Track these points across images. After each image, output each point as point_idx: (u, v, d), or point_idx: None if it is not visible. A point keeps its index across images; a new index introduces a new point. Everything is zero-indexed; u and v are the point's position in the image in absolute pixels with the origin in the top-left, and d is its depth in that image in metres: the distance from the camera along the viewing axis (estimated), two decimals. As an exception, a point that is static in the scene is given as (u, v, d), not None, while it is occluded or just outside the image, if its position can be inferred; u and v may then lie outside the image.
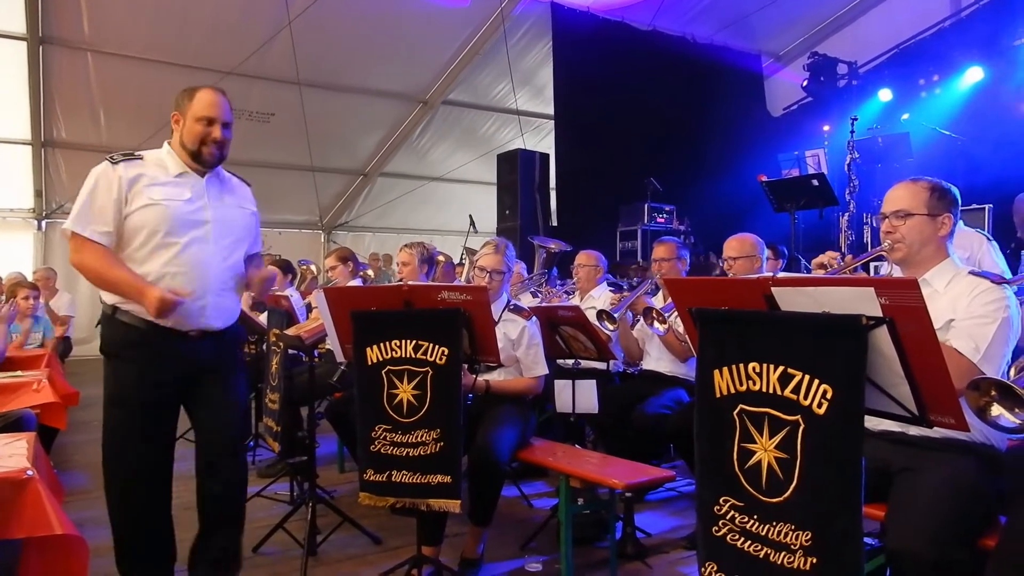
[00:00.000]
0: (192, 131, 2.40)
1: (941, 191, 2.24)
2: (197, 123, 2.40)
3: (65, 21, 7.48)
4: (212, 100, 2.44)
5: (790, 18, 9.57)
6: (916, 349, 1.41)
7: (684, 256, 4.10)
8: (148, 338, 2.33)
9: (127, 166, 2.34)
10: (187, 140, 2.40)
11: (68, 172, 9.72)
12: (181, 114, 2.43)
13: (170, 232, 2.32)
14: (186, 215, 2.36)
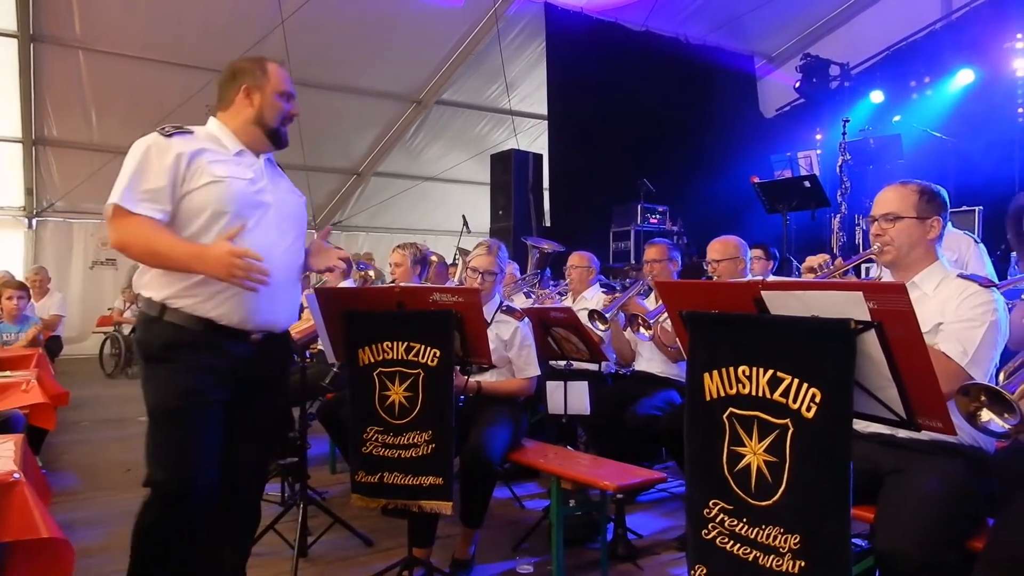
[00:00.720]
0: (275, 107, 2.16)
1: (930, 194, 2.25)
2: (280, 98, 2.17)
3: (56, 19, 7.44)
4: (285, 73, 2.22)
5: (783, 19, 9.60)
6: (904, 353, 1.42)
7: (675, 257, 4.11)
8: (205, 339, 2.03)
9: (184, 139, 2.04)
10: (268, 117, 2.16)
11: (59, 170, 9.68)
12: (256, 88, 2.15)
13: (237, 214, 2.04)
14: (251, 195, 2.10)
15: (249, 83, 2.15)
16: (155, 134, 2.02)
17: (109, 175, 7.42)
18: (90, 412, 6.45)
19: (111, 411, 6.56)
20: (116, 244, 1.98)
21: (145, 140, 2.01)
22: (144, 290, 2.06)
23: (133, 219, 1.94)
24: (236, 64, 2.20)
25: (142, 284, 2.08)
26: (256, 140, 2.17)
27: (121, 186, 1.95)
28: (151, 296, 2.04)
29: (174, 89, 8.40)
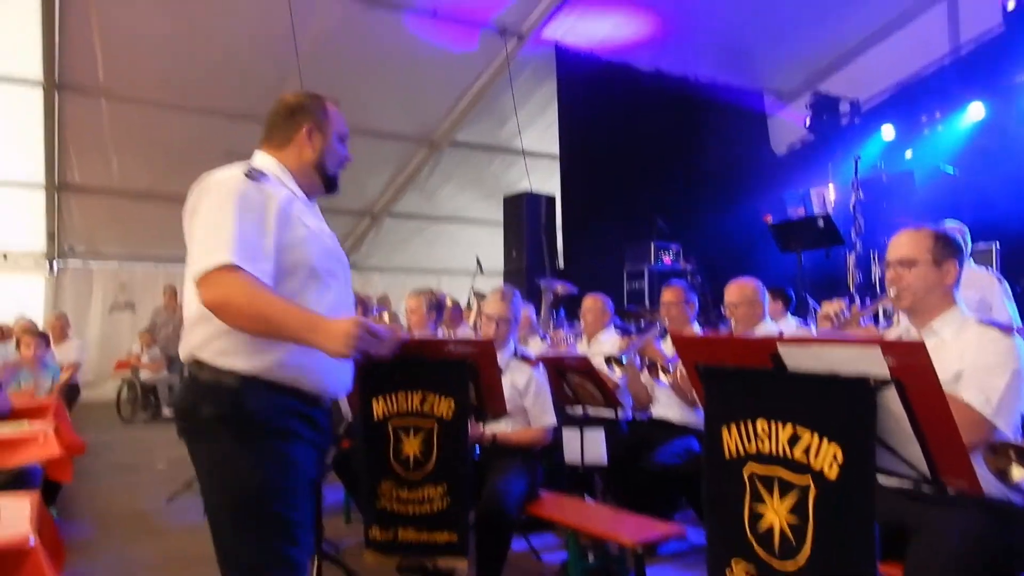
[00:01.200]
0: (335, 152, 1.98)
1: (945, 239, 2.24)
2: (339, 142, 2.00)
3: (81, 67, 7.64)
4: (342, 116, 2.03)
5: (791, 57, 9.68)
6: (926, 412, 1.39)
7: (692, 300, 4.08)
8: (302, 409, 1.80)
9: (272, 186, 1.81)
10: (329, 161, 1.97)
11: (80, 214, 9.84)
12: (318, 128, 1.95)
13: (330, 272, 1.86)
14: (335, 250, 1.93)
15: (311, 124, 1.94)
16: (240, 177, 1.77)
17: (129, 218, 7.55)
18: (106, 458, 6.45)
19: (126, 457, 6.56)
20: (215, 303, 1.66)
21: (230, 184, 1.75)
22: (219, 357, 1.73)
23: (239, 277, 1.65)
24: (293, 99, 1.98)
25: (209, 348, 1.74)
26: (313, 185, 1.99)
27: (227, 239, 1.66)
28: (234, 367, 1.72)
29: (192, 132, 8.59)
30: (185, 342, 1.80)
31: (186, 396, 1.79)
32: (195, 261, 1.69)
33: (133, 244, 10.64)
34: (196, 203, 1.77)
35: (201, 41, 7.52)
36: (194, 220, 1.76)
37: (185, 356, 1.80)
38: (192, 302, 1.76)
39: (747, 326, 3.70)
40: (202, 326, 1.75)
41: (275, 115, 1.98)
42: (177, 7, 7.06)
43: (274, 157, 1.94)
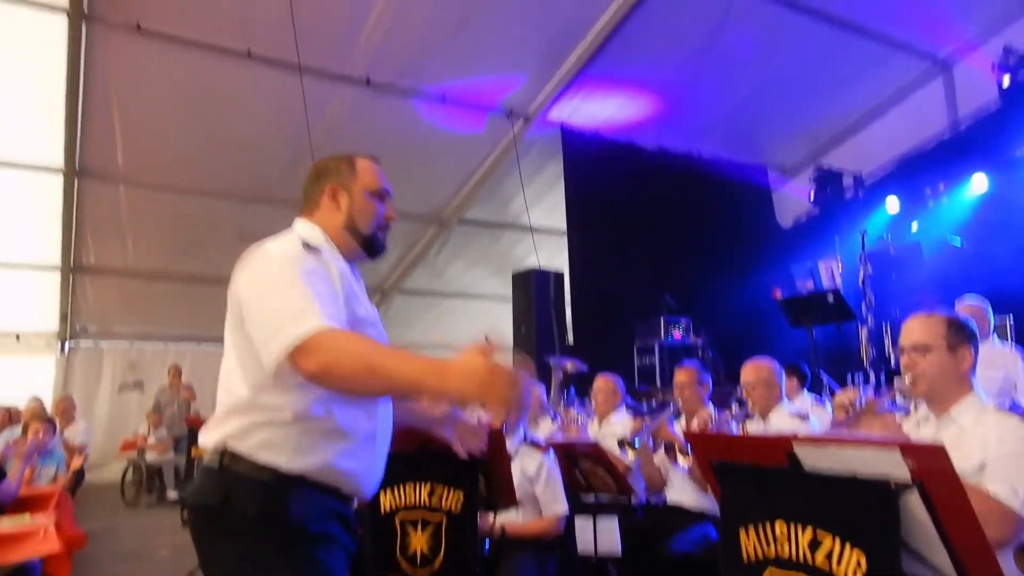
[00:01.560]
0: (366, 209, 1.84)
1: (958, 324, 2.22)
2: (371, 198, 1.85)
3: (101, 154, 7.86)
4: (377, 169, 1.91)
5: (792, 132, 9.87)
6: (951, 516, 1.34)
7: (706, 381, 4.02)
8: (339, 511, 1.69)
9: (329, 257, 1.72)
10: (360, 221, 1.83)
11: (93, 294, 9.95)
12: (342, 186, 1.84)
13: None
14: (384, 336, 1.84)
15: (335, 182, 1.85)
16: (299, 247, 1.68)
17: (141, 298, 7.58)
18: (108, 545, 6.30)
19: (128, 544, 6.41)
20: (321, 369, 1.48)
21: (291, 253, 1.65)
22: (260, 451, 1.59)
23: (337, 335, 1.52)
24: (321, 163, 1.92)
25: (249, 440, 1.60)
26: (350, 249, 1.85)
27: (308, 305, 1.53)
28: (276, 464, 1.59)
29: (206, 214, 8.78)
30: (217, 429, 1.66)
31: (214, 489, 1.62)
32: (275, 335, 1.51)
33: (144, 323, 10.71)
34: (253, 275, 1.65)
35: (217, 127, 7.77)
36: (255, 293, 1.63)
37: (215, 444, 1.64)
38: (233, 386, 1.65)
39: (764, 407, 3.64)
40: (242, 415, 1.63)
41: (306, 182, 1.92)
42: (195, 96, 7.33)
43: (309, 222, 1.85)
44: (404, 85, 7.63)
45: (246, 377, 1.65)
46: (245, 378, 1.65)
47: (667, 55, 7.93)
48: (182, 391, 9.43)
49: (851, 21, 7.82)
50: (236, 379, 1.66)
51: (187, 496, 1.77)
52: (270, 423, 1.61)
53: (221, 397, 1.71)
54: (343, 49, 7.14)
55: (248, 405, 1.63)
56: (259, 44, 6.82)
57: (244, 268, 1.70)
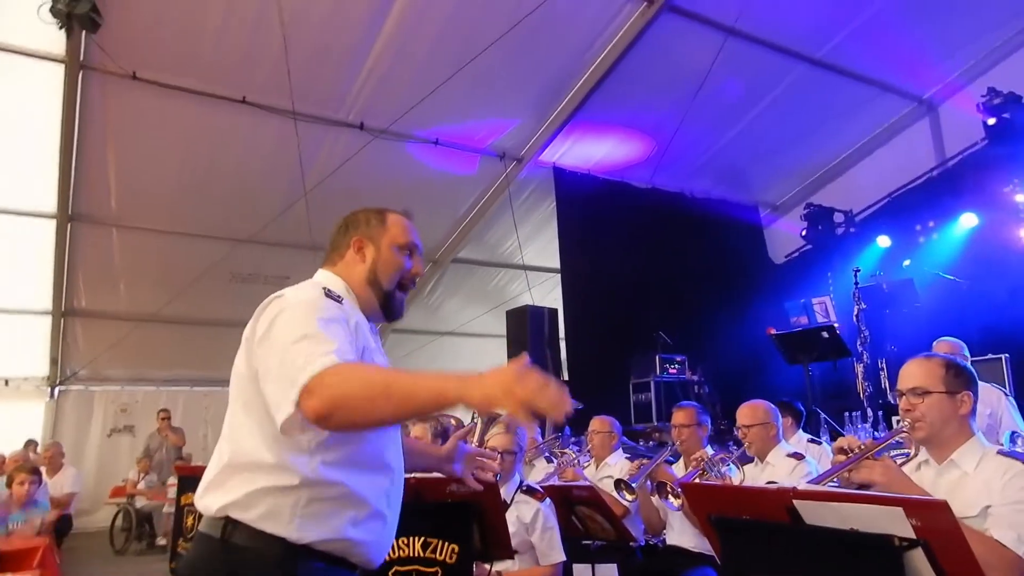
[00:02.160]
0: (391, 263, 1.78)
1: (957, 368, 2.21)
2: (398, 252, 1.80)
3: (95, 199, 7.86)
4: (408, 223, 1.87)
5: (782, 171, 9.99)
6: (957, 573, 1.31)
7: (704, 422, 3.99)
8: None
9: (349, 308, 1.67)
10: (383, 276, 1.78)
11: (84, 338, 9.87)
12: (369, 239, 1.79)
13: None
14: None
15: (362, 234, 1.80)
16: (320, 294, 1.62)
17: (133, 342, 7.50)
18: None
19: (116, 595, 6.25)
20: (329, 406, 1.38)
21: (311, 300, 1.59)
22: (264, 521, 1.50)
23: (345, 368, 1.42)
24: (351, 215, 1.87)
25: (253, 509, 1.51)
26: (370, 306, 1.78)
27: (323, 347, 1.44)
28: (282, 535, 1.50)
29: (199, 258, 8.75)
30: (216, 495, 1.56)
31: (216, 565, 1.52)
32: (287, 390, 1.41)
33: (135, 367, 10.61)
34: (272, 322, 1.55)
35: (211, 171, 7.81)
36: (268, 346, 1.53)
37: (215, 511, 1.54)
38: (241, 442, 1.55)
39: (761, 449, 3.62)
40: (247, 477, 1.53)
41: (334, 233, 1.86)
42: (189, 140, 7.37)
43: (331, 273, 1.79)
44: (397, 130, 7.70)
45: (254, 432, 1.56)
46: (253, 433, 1.56)
47: (657, 97, 8.05)
48: (171, 435, 9.28)
49: (836, 64, 7.99)
50: (244, 434, 1.57)
51: (184, 570, 1.64)
52: (277, 489, 1.51)
53: (224, 449, 1.61)
54: (337, 96, 7.22)
55: (254, 465, 1.53)
56: (254, 91, 6.90)
57: (260, 317, 1.61)
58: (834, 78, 8.15)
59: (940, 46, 7.90)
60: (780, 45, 7.67)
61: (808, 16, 7.39)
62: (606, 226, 8.74)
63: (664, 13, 6.92)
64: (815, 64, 7.94)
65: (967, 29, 7.68)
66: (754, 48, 7.60)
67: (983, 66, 8.20)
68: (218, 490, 1.57)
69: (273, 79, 6.67)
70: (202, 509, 1.59)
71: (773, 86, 8.21)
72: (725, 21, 7.13)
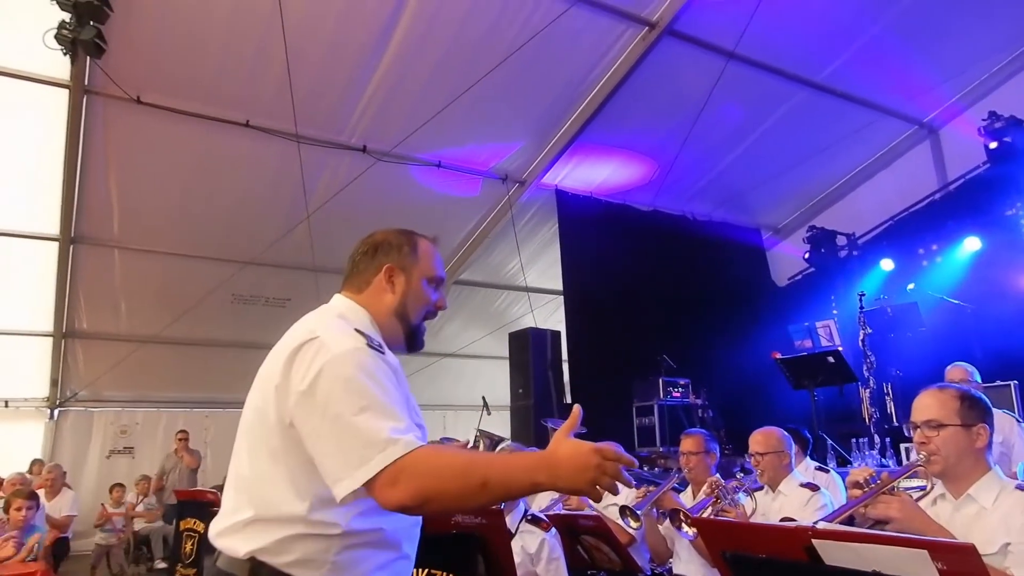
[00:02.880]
0: (421, 297, 1.71)
1: (972, 400, 2.18)
2: (428, 287, 1.73)
3: (97, 222, 7.86)
4: (437, 254, 1.78)
5: (784, 194, 10.01)
6: (984, 620, 1.27)
7: (713, 450, 3.94)
8: None
9: (391, 358, 1.58)
10: (411, 310, 1.71)
11: (85, 360, 9.82)
12: (401, 268, 1.71)
13: None
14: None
15: (393, 262, 1.70)
16: (365, 350, 1.50)
17: (134, 363, 7.45)
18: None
19: (112, 622, 6.15)
20: (419, 496, 1.35)
21: (361, 359, 1.47)
22: (296, 567, 1.46)
23: (424, 455, 1.38)
24: (380, 236, 1.76)
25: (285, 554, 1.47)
26: (393, 338, 1.70)
27: (385, 429, 1.39)
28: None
29: (200, 280, 8.73)
30: (240, 540, 1.49)
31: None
32: (358, 465, 1.37)
33: (136, 388, 10.55)
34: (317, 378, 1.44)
35: (213, 193, 7.82)
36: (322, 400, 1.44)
37: (242, 552, 1.48)
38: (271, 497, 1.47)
39: (774, 478, 3.57)
40: (280, 528, 1.47)
41: (357, 253, 1.76)
42: (192, 163, 7.39)
43: (354, 302, 1.69)
44: (400, 152, 7.73)
45: (284, 484, 1.48)
46: (282, 484, 1.48)
47: (659, 121, 8.09)
48: (186, 456, 9.16)
49: (837, 88, 8.03)
50: (271, 485, 1.49)
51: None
52: (315, 536, 1.47)
53: (241, 500, 1.53)
54: (340, 119, 7.26)
55: (287, 517, 1.47)
56: (257, 115, 6.93)
57: (294, 363, 1.50)
58: (835, 102, 8.18)
59: (940, 69, 7.95)
60: (781, 69, 7.72)
61: (808, 40, 7.44)
62: (609, 248, 8.73)
63: (665, 37, 6.97)
64: (816, 88, 7.98)
65: (967, 52, 7.73)
66: (755, 72, 7.64)
67: (983, 89, 8.25)
68: (239, 534, 1.51)
69: (276, 103, 6.70)
70: (225, 550, 1.53)
71: (774, 109, 8.25)
72: (726, 45, 7.18)
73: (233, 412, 1.93)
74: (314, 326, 1.56)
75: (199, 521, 4.71)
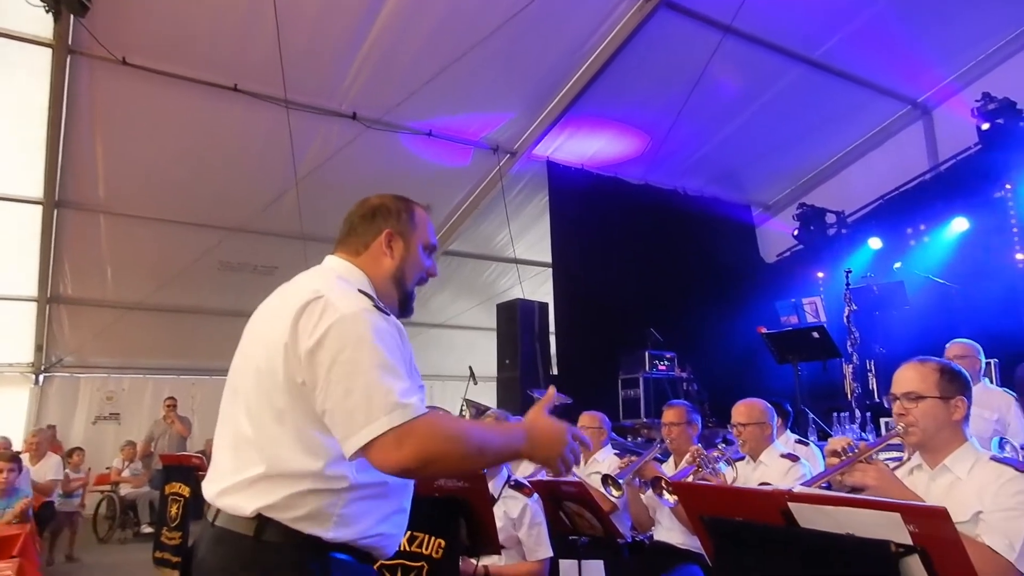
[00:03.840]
0: (417, 264, 1.75)
1: (951, 373, 2.20)
2: (424, 253, 1.77)
3: (82, 186, 7.77)
4: (430, 222, 1.82)
5: (775, 171, 10.00)
6: (953, 581, 1.29)
7: (695, 421, 3.98)
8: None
9: (395, 320, 1.59)
10: (408, 275, 1.74)
11: (70, 325, 9.78)
12: (400, 234, 1.74)
13: None
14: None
15: (393, 227, 1.73)
16: (374, 313, 1.52)
17: (119, 329, 7.39)
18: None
19: (98, 584, 6.20)
20: (422, 459, 1.41)
21: (370, 320, 1.49)
22: (303, 523, 1.49)
23: (430, 421, 1.44)
24: (378, 200, 1.77)
25: (291, 511, 1.49)
26: (389, 302, 1.71)
27: (393, 393, 1.42)
28: (319, 534, 1.49)
29: (187, 246, 8.67)
30: (247, 497, 1.50)
31: (246, 564, 1.49)
32: (360, 420, 1.41)
33: (122, 355, 10.53)
34: (324, 336, 1.47)
35: (201, 159, 7.72)
36: (330, 356, 1.45)
37: (248, 510, 1.49)
38: (264, 455, 1.50)
39: (755, 448, 3.61)
40: (284, 483, 1.49)
41: (354, 216, 1.77)
42: (179, 127, 7.28)
43: (352, 264, 1.71)
44: (391, 120, 7.65)
45: (293, 443, 1.50)
46: (291, 444, 1.50)
47: (653, 94, 8.02)
48: (177, 423, 9.15)
49: (833, 66, 7.99)
50: (280, 445, 1.50)
51: (205, 569, 1.56)
52: (324, 491, 1.50)
53: (251, 457, 1.53)
54: (330, 86, 7.15)
55: (299, 472, 1.49)
56: (246, 79, 6.82)
57: (300, 321, 1.51)
58: (830, 80, 8.15)
59: (936, 50, 7.91)
60: (777, 44, 7.66)
61: (806, 16, 7.38)
62: (599, 221, 8.72)
63: (661, 9, 6.90)
64: (811, 65, 7.94)
65: (963, 34, 7.70)
66: (751, 47, 7.58)
67: (978, 71, 8.23)
68: (247, 491, 1.52)
69: (266, 67, 6.59)
70: (228, 509, 1.54)
71: (769, 86, 8.20)
72: (722, 19, 7.11)
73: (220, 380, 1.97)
74: (317, 285, 1.57)
75: (184, 485, 4.73)
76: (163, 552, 4.68)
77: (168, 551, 4.63)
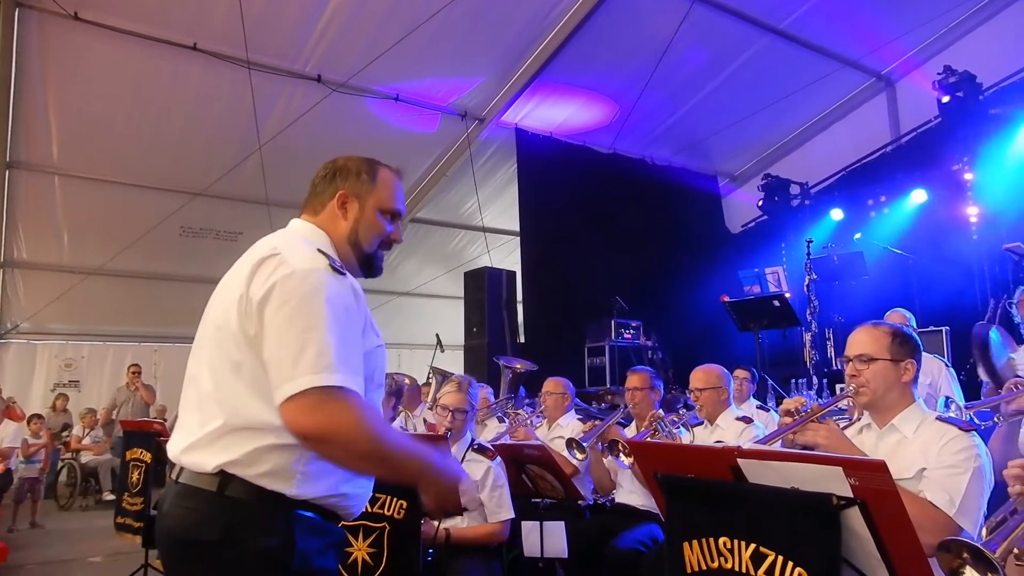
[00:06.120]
0: (374, 227, 1.72)
1: (903, 337, 2.26)
2: (382, 216, 1.74)
3: (34, 146, 7.52)
4: (398, 186, 1.79)
5: (742, 142, 10.06)
6: (892, 533, 1.35)
7: (658, 386, 4.05)
8: (337, 536, 1.63)
9: (351, 280, 1.60)
10: (363, 239, 1.72)
11: (26, 291, 9.52)
12: (355, 195, 1.71)
13: (382, 384, 1.71)
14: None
15: (348, 189, 1.71)
16: (328, 271, 1.53)
17: (77, 295, 7.24)
18: (36, 552, 6.04)
19: (60, 550, 6.15)
20: (320, 432, 1.42)
21: (319, 282, 1.50)
22: (266, 479, 1.48)
23: (351, 406, 1.44)
24: (341, 161, 1.76)
25: (256, 467, 1.48)
26: (349, 263, 1.70)
27: (329, 354, 1.43)
28: (283, 491, 1.49)
29: (147, 211, 8.46)
30: (209, 453, 1.50)
31: (210, 520, 1.48)
32: (286, 374, 1.42)
33: (81, 321, 10.28)
34: (273, 287, 1.49)
35: (160, 120, 7.52)
36: (277, 320, 1.47)
37: (211, 468, 1.49)
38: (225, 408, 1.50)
39: (712, 412, 3.70)
40: (251, 438, 1.49)
41: (317, 176, 1.77)
42: (137, 88, 7.06)
43: (314, 225, 1.71)
44: (357, 83, 7.50)
45: (250, 395, 1.50)
46: (249, 396, 1.50)
47: (621, 62, 7.99)
48: (142, 390, 9.03)
49: (799, 36, 8.02)
50: (238, 397, 1.51)
51: (166, 525, 1.55)
52: (283, 447, 1.49)
53: (212, 411, 1.53)
54: (294, 46, 6.98)
55: (258, 425, 1.49)
56: (206, 38, 6.62)
57: (256, 274, 1.53)
58: (796, 50, 8.18)
59: (901, 21, 7.97)
60: (744, 13, 7.65)
61: (773, -15, 7.38)
62: (567, 190, 8.72)
63: (631, -25, 6.84)
64: (777, 35, 7.95)
65: (927, 6, 7.76)
66: (719, 15, 7.57)
67: (942, 43, 8.32)
68: (209, 448, 1.52)
69: (227, 25, 6.40)
70: (191, 466, 1.54)
71: (735, 56, 8.21)
72: (691, -14, 7.08)
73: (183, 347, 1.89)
74: (277, 243, 1.61)
75: (145, 451, 4.68)
76: (125, 518, 4.65)
77: (130, 517, 4.60)
